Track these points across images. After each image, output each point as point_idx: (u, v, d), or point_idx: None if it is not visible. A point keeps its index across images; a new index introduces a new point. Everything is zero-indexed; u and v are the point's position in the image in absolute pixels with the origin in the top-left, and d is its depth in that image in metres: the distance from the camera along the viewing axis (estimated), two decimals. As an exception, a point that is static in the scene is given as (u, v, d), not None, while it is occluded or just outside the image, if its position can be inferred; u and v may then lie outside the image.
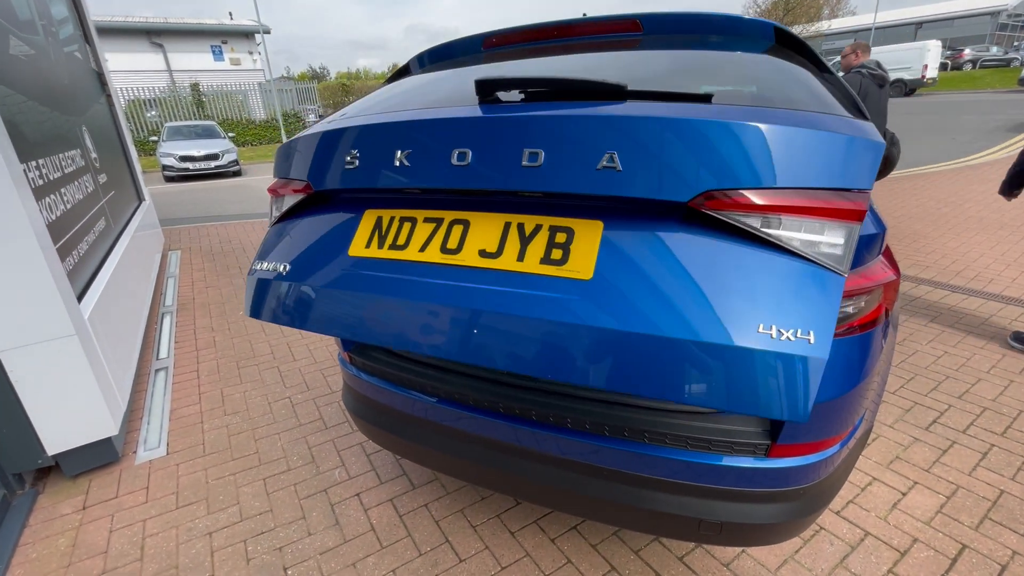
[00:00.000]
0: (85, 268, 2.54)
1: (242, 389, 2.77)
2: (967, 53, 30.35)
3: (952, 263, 4.04)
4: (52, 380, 1.95)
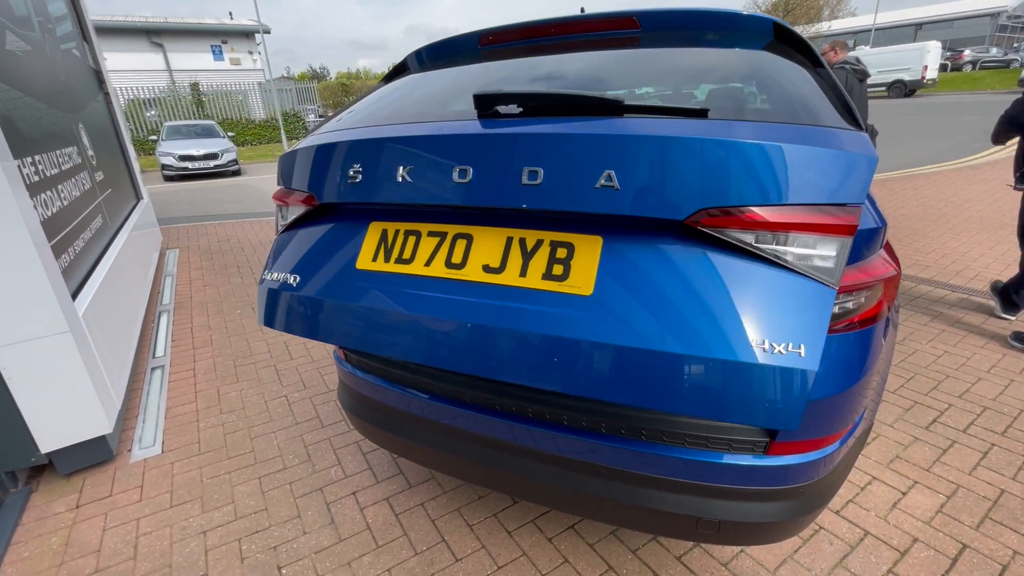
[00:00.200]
0: (80, 265, 2.52)
1: (238, 387, 2.75)
2: (967, 54, 30.39)
3: (952, 263, 4.03)
4: (45, 377, 1.94)
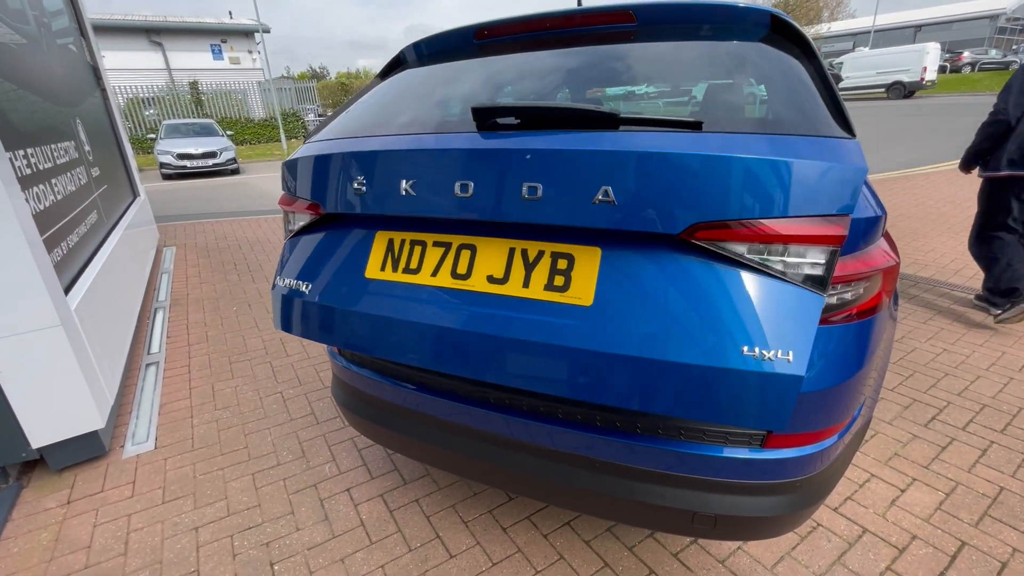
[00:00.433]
0: (74, 260, 2.50)
1: (233, 384, 2.73)
2: (966, 56, 30.45)
3: (951, 261, 4.02)
4: (37, 372, 1.92)
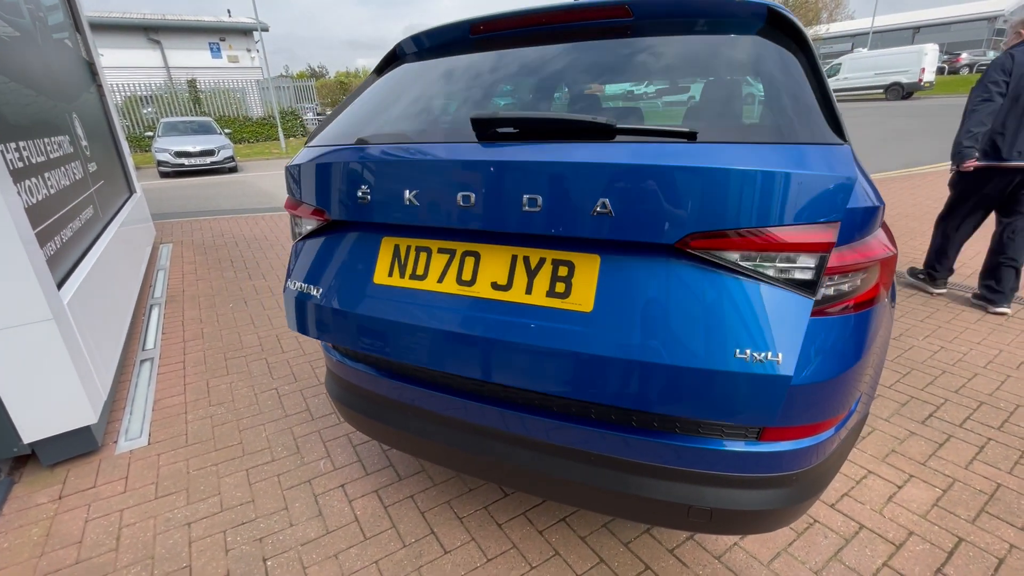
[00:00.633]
0: (68, 254, 2.48)
1: (228, 380, 2.72)
2: (964, 57, 30.52)
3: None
4: (28, 365, 1.90)
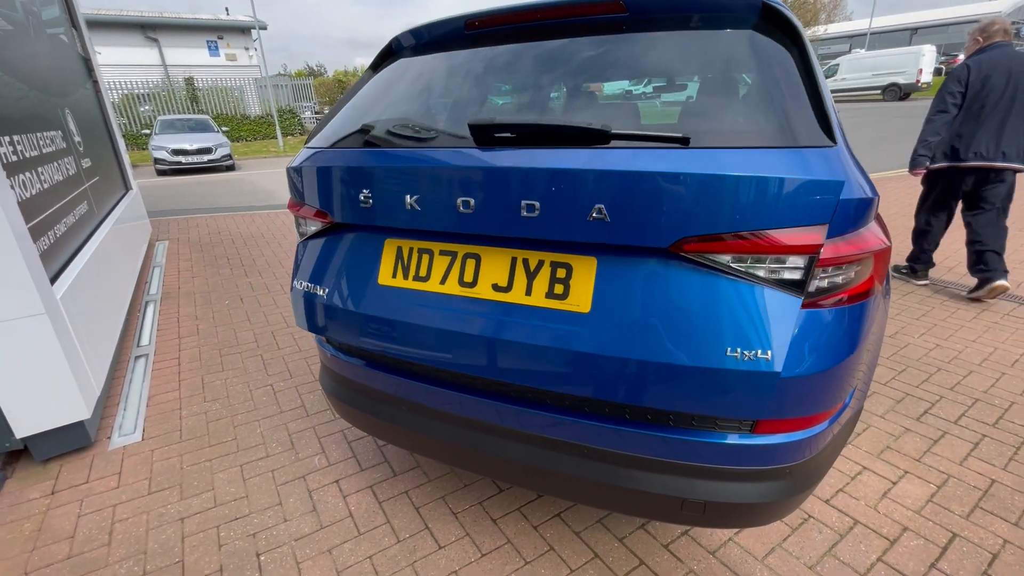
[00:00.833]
0: (62, 249, 2.47)
1: (223, 377, 2.71)
2: (961, 59, 30.59)
3: (945, 259, 4.03)
4: (21, 360, 1.89)
